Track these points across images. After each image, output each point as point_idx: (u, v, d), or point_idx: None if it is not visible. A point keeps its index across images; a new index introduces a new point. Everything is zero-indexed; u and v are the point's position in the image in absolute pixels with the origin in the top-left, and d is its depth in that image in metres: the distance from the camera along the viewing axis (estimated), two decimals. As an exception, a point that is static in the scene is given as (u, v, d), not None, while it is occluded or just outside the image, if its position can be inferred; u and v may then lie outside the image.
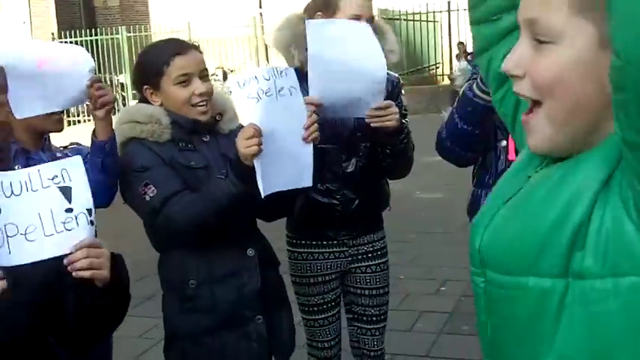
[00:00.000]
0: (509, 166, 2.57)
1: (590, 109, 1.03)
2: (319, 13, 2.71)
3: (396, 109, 2.60)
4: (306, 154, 2.39)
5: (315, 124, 2.38)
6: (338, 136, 2.78)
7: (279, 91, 2.33)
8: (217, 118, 2.52)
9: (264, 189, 2.24)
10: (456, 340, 4.25)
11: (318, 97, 2.46)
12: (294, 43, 2.72)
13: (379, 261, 3.03)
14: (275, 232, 2.88)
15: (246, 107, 2.28)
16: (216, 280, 2.43)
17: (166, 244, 2.48)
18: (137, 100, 2.56)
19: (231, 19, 18.44)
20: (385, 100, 2.57)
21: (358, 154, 2.85)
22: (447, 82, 17.39)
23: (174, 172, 2.37)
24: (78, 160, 1.70)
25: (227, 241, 2.42)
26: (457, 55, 16.85)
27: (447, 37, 19.68)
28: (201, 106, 2.43)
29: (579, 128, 1.05)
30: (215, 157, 2.45)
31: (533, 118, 1.08)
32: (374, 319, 3.03)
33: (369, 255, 3.01)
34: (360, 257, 3.00)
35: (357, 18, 2.63)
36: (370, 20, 2.67)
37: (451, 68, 17.97)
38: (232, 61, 18.54)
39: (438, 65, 21.37)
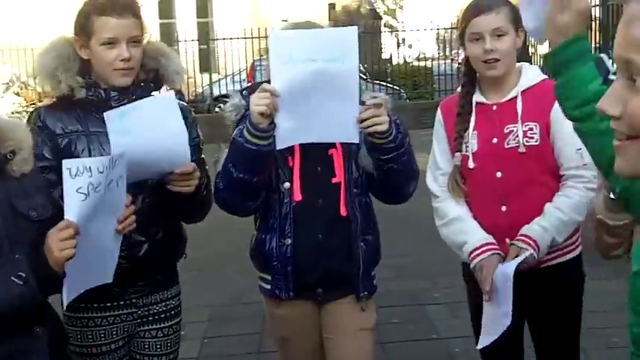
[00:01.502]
0: (294, 209, 2.53)
1: None
2: (76, 37, 2.48)
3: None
4: (114, 249, 2.20)
5: (133, 216, 2.19)
6: None
7: (109, 184, 2.05)
8: (9, 156, 2.05)
9: (67, 296, 2.02)
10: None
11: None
12: (62, 67, 2.44)
13: (172, 322, 2.66)
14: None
15: (73, 202, 1.96)
16: None
17: None
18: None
19: None
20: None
21: (145, 188, 2.46)
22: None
23: None
24: None
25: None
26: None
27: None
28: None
29: None
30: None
31: (629, 147, 1.09)
32: None
33: (162, 316, 2.62)
34: (150, 319, 2.61)
35: (113, 42, 2.40)
36: (138, 41, 2.45)
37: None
38: None
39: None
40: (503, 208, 2.63)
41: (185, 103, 2.72)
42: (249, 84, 2.51)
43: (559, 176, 2.65)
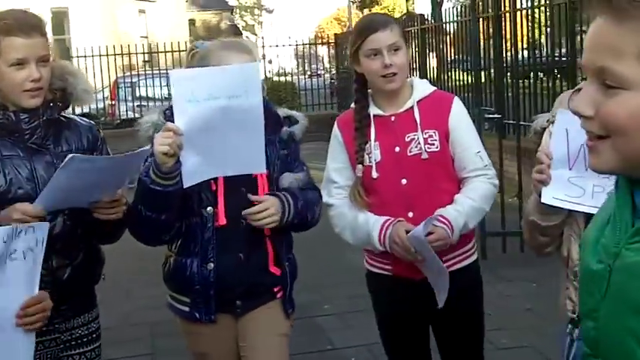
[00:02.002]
0: (217, 232, 2.59)
1: None
2: None
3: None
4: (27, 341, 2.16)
5: (39, 314, 2.15)
6: (37, 193, 2.33)
7: (11, 254, 2.02)
8: None
9: None
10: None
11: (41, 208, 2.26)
12: None
13: (94, 345, 2.63)
14: None
15: None
16: None
17: None
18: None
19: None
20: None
21: (63, 210, 2.41)
22: None
23: None
24: None
25: None
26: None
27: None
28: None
29: None
30: None
31: (601, 146, 1.15)
32: None
33: (84, 340, 2.58)
34: (73, 343, 2.55)
35: (22, 62, 2.33)
36: (46, 61, 2.39)
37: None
38: None
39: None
40: (410, 214, 2.72)
41: (93, 122, 2.68)
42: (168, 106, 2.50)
43: (458, 181, 2.79)
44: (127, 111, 14.80)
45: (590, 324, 1.19)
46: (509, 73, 8.70)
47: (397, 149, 2.74)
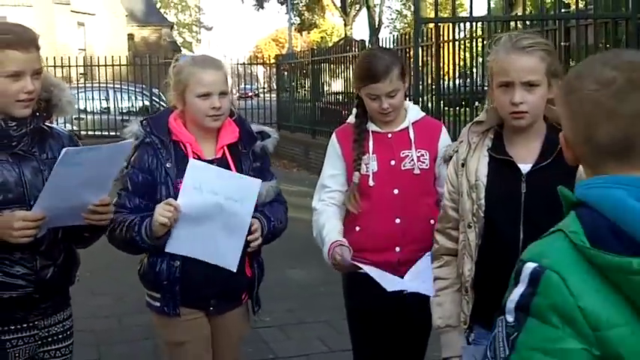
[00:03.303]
0: None
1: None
2: None
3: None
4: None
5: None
6: (26, 197, 2.47)
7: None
8: None
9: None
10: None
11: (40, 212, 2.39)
12: None
13: (68, 342, 2.74)
14: None
15: None
16: None
17: None
18: None
19: None
20: None
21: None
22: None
23: None
24: None
25: None
26: None
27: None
28: None
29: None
30: None
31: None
32: None
33: (60, 337, 2.70)
34: (50, 340, 2.67)
35: (18, 74, 2.40)
36: (39, 73, 2.49)
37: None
38: None
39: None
40: (397, 221, 2.98)
41: (71, 132, 2.84)
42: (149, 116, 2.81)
43: (436, 197, 3.03)
44: (64, 123, 14.68)
45: None
46: (442, 101, 9.01)
47: (392, 162, 3.02)
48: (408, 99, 3.31)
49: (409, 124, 3.06)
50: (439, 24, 8.67)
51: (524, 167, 2.40)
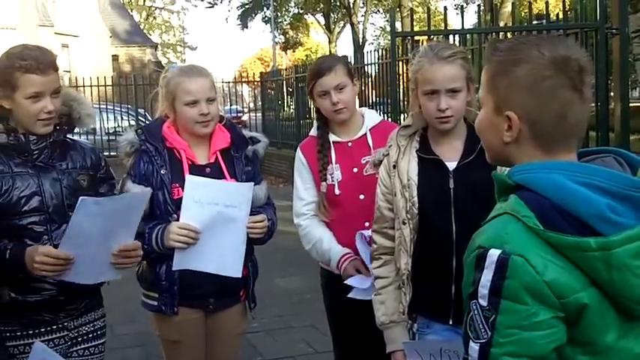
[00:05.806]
0: None
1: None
2: None
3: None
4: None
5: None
6: (44, 205, 2.63)
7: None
8: None
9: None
10: None
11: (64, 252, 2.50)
12: None
13: (99, 342, 2.87)
14: None
15: None
16: None
17: None
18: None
19: None
20: None
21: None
22: None
23: None
24: None
25: None
26: None
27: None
28: None
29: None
30: None
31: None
32: None
33: (90, 336, 2.83)
34: (80, 339, 2.80)
35: (38, 95, 2.55)
36: (58, 92, 2.63)
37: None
38: None
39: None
40: (367, 224, 3.08)
41: (94, 145, 3.04)
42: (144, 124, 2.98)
43: None
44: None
45: None
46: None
47: (355, 170, 3.18)
48: (386, 115, 3.49)
49: (367, 131, 3.22)
50: (415, 37, 8.90)
51: (451, 165, 2.59)
